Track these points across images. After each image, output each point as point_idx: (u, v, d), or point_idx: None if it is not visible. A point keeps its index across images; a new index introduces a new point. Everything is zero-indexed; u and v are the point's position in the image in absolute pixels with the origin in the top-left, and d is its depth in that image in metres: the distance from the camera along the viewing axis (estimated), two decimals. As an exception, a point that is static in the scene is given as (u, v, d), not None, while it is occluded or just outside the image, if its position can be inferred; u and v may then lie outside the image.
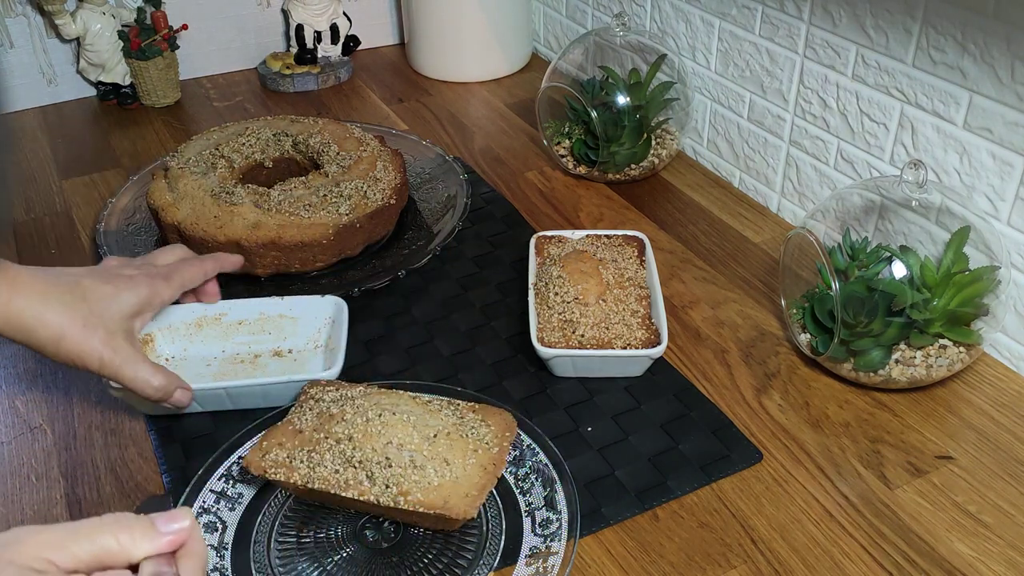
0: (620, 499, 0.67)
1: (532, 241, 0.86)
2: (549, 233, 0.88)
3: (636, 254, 0.85)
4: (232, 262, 0.82)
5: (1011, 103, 0.73)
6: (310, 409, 0.66)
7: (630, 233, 0.87)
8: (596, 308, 0.77)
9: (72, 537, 0.42)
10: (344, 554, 0.63)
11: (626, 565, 0.62)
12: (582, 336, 0.76)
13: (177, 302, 0.79)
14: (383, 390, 0.68)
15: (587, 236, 0.87)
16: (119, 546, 0.43)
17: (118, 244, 0.93)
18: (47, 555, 0.42)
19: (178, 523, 0.45)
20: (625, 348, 0.75)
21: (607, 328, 0.76)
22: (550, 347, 0.75)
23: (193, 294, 0.80)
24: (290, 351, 0.80)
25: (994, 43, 0.73)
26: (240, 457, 0.68)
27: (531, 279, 0.82)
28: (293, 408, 0.68)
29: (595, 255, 0.82)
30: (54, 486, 0.69)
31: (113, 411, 0.76)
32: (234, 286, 0.88)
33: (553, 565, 0.60)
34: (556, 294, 0.78)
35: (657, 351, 0.74)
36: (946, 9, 0.76)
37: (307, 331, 0.80)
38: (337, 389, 0.68)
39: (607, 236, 0.87)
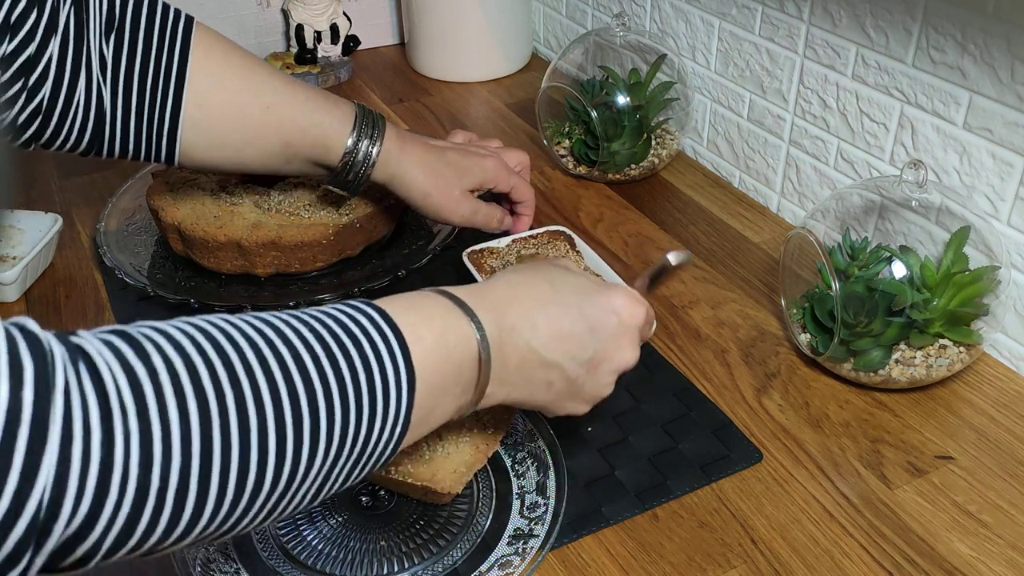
0: (620, 499, 0.67)
1: (466, 258, 0.87)
2: (478, 247, 0.89)
3: (568, 248, 0.88)
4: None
5: (1011, 103, 0.73)
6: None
7: (554, 228, 0.91)
8: None
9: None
10: (340, 519, 0.65)
11: (626, 565, 0.62)
12: None
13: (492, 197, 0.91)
14: None
15: (514, 240, 0.89)
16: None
17: (118, 244, 0.93)
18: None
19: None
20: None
21: None
22: None
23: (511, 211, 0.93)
24: (13, 258, 0.90)
25: (994, 43, 0.73)
26: None
27: None
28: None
29: (544, 255, 0.86)
30: (54, 486, 0.69)
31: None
32: (234, 286, 0.88)
33: (532, 547, 0.61)
34: None
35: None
36: (946, 9, 0.76)
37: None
38: None
39: (534, 236, 0.90)
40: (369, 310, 0.50)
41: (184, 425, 0.39)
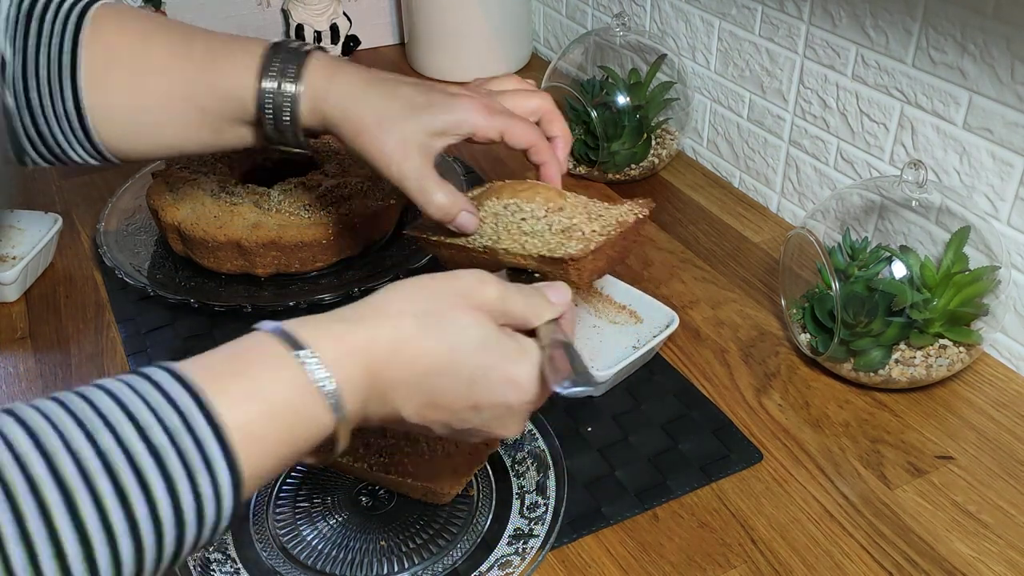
0: (620, 499, 0.67)
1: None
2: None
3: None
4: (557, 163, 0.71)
5: (1011, 103, 0.73)
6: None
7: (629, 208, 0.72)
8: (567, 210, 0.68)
9: (512, 293, 0.52)
10: (340, 519, 0.65)
11: (626, 565, 0.62)
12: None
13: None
14: None
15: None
16: (534, 312, 0.52)
17: (118, 244, 0.93)
18: (489, 308, 0.50)
19: (564, 295, 0.54)
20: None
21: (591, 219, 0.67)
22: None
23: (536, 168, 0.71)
24: (13, 258, 0.90)
25: (994, 43, 0.73)
26: None
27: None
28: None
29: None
30: (54, 486, 0.69)
31: (113, 411, 0.76)
32: (234, 286, 0.88)
33: (532, 547, 0.61)
34: (526, 225, 0.67)
35: (674, 323, 0.78)
36: (946, 9, 0.76)
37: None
38: None
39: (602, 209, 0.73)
40: (184, 402, 0.41)
41: None
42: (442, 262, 0.71)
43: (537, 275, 0.63)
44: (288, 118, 0.66)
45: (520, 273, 0.64)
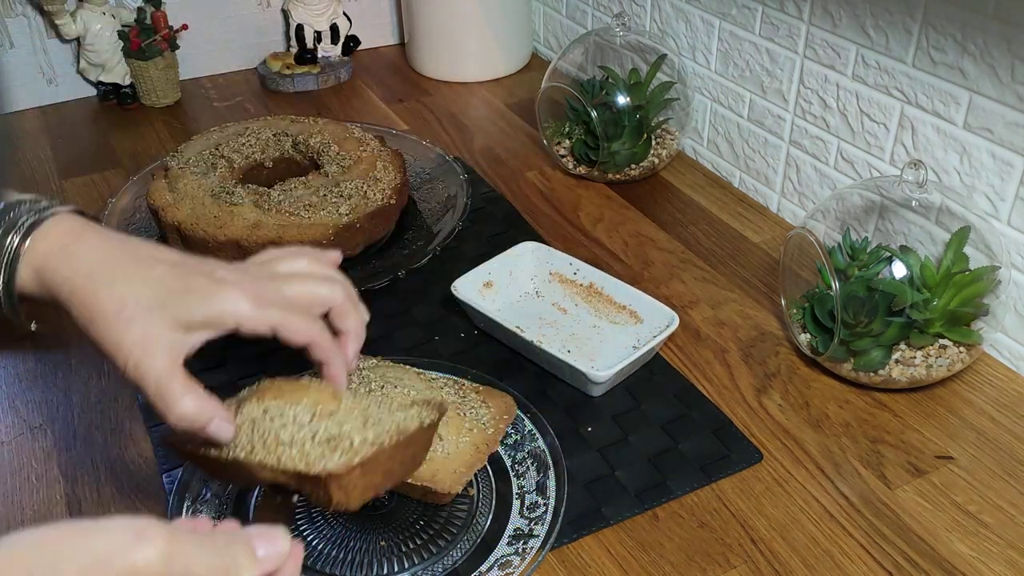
0: (620, 499, 0.67)
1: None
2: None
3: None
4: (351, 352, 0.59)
5: (1011, 103, 0.73)
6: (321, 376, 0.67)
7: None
8: None
9: (187, 550, 0.37)
10: (340, 519, 0.65)
11: (626, 565, 0.62)
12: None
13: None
14: (391, 364, 0.70)
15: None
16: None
17: (118, 244, 0.93)
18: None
19: (277, 546, 0.41)
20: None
21: None
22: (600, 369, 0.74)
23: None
24: None
25: (994, 43, 0.73)
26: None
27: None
28: (307, 374, 0.67)
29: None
30: (54, 486, 0.69)
31: (113, 411, 0.76)
32: (234, 286, 0.88)
33: (532, 547, 0.61)
34: None
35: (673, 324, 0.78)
36: (946, 9, 0.76)
37: None
38: None
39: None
40: None
41: None
42: (205, 476, 0.63)
43: (298, 495, 0.54)
44: (5, 271, 0.53)
45: (278, 492, 0.54)
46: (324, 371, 0.57)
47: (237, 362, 0.78)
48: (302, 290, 0.56)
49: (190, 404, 0.52)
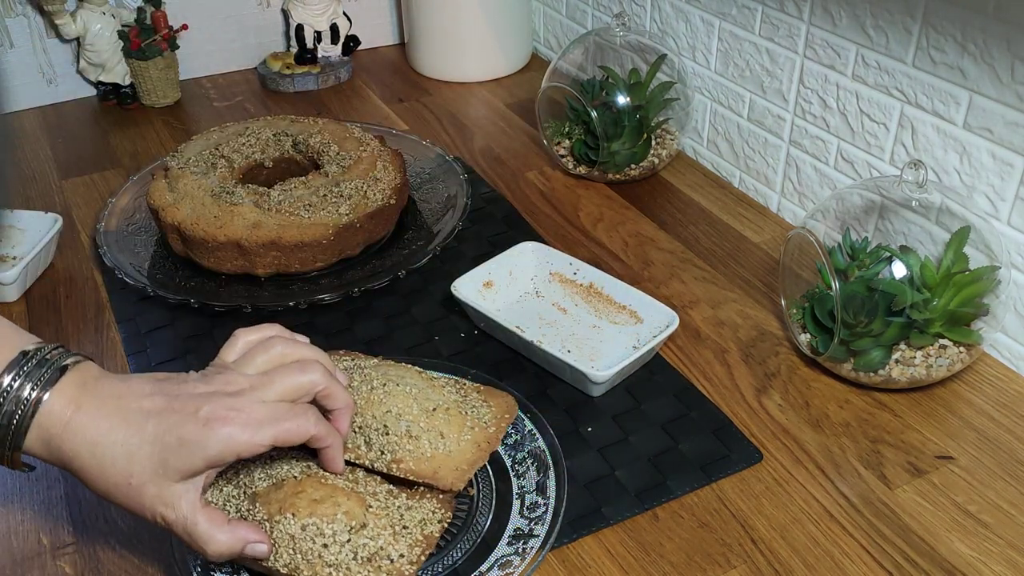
0: (620, 499, 0.67)
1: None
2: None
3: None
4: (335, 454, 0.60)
5: (1011, 103, 0.73)
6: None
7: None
8: None
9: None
10: None
11: (626, 565, 0.62)
12: None
13: None
14: (393, 363, 0.70)
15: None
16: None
17: (118, 244, 0.93)
18: None
19: None
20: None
21: None
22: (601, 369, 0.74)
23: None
24: (13, 258, 0.91)
25: (994, 43, 0.73)
26: None
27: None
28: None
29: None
30: (54, 486, 0.69)
31: (113, 411, 0.76)
32: (234, 286, 0.88)
33: (532, 547, 0.61)
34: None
35: (673, 324, 0.78)
36: (946, 9, 0.76)
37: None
38: (352, 359, 0.70)
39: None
40: None
41: None
42: None
43: None
44: (18, 424, 0.53)
45: None
46: (322, 456, 0.59)
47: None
48: (284, 390, 0.56)
49: (222, 540, 0.55)
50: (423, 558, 0.59)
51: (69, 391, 0.53)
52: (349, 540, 0.57)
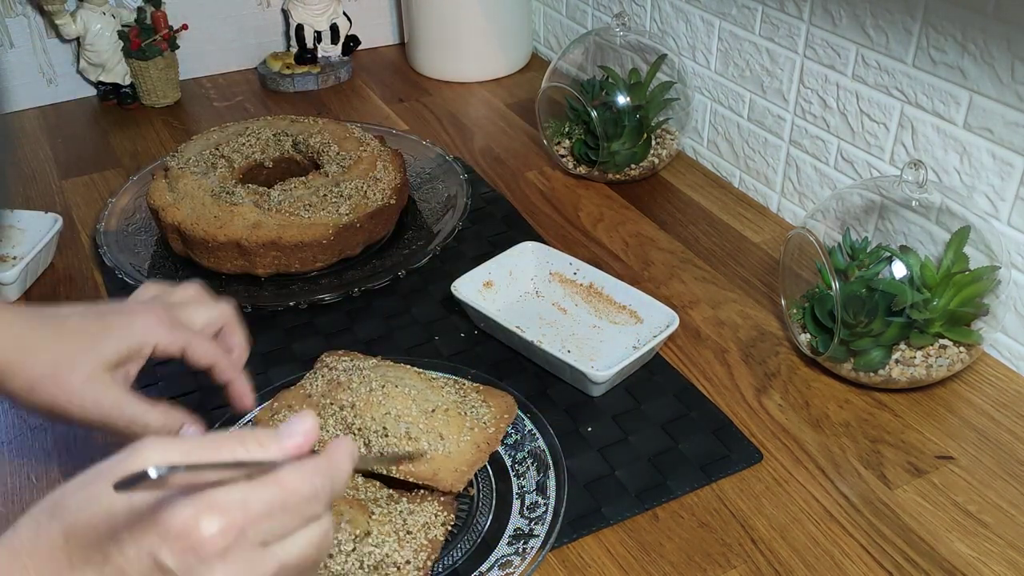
0: (620, 499, 0.67)
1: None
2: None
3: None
4: (243, 393, 0.63)
5: (1011, 103, 0.73)
6: (322, 376, 0.69)
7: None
8: None
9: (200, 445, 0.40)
10: None
11: (626, 565, 0.62)
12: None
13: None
14: (392, 364, 0.70)
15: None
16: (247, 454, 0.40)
17: (118, 244, 0.93)
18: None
19: (302, 426, 0.41)
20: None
21: None
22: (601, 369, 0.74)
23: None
24: (13, 258, 0.90)
25: (994, 43, 0.73)
26: (252, 419, 0.70)
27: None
28: (307, 374, 0.71)
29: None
30: (54, 486, 0.69)
31: (113, 411, 0.76)
32: (234, 285, 0.88)
33: (532, 547, 0.61)
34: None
35: (673, 324, 0.78)
36: (946, 9, 0.76)
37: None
38: (352, 360, 0.71)
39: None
40: None
41: None
42: None
43: None
44: None
45: None
46: (230, 390, 0.62)
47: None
48: (199, 313, 0.62)
49: (159, 417, 0.57)
50: (429, 563, 0.59)
51: None
52: (354, 549, 0.57)
